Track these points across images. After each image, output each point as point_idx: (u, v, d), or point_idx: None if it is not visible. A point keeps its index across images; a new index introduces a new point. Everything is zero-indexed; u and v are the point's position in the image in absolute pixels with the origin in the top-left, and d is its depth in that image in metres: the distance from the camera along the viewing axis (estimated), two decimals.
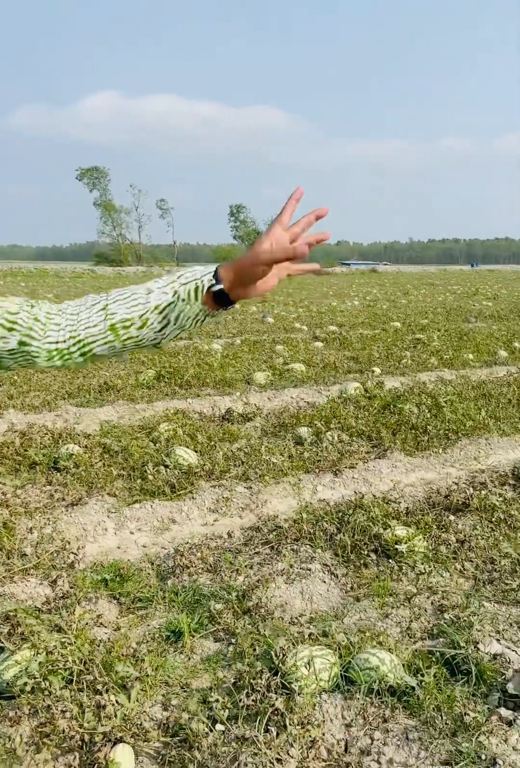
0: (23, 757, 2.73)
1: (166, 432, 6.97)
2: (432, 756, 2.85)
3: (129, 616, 3.92)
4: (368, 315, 21.21)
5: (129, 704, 3.01)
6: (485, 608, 3.97)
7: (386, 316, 20.52)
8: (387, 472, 6.35)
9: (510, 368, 11.50)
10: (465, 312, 22.63)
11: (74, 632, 3.33)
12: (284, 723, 2.95)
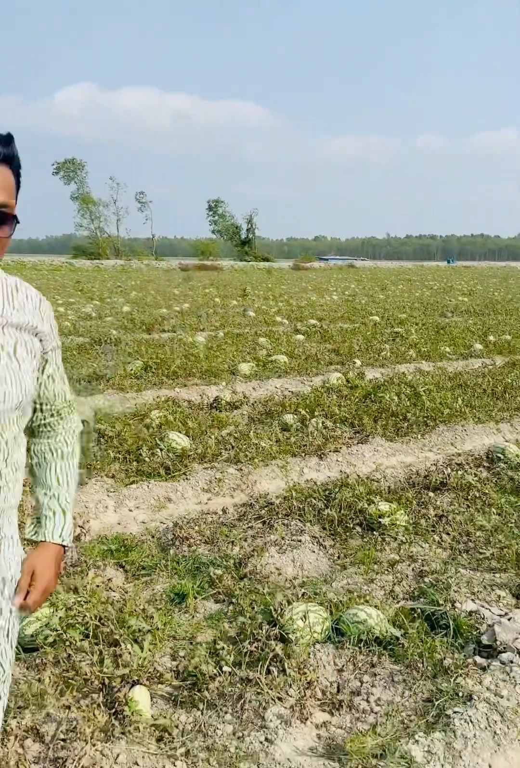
0: (50, 698, 2.97)
1: (157, 418, 7.17)
2: (415, 695, 3.10)
3: (135, 581, 4.13)
4: (347, 309, 21.28)
5: (142, 653, 3.23)
6: (461, 573, 4.21)
7: (365, 311, 20.61)
8: (369, 456, 6.53)
9: (485, 360, 11.70)
10: (442, 307, 22.79)
11: (88, 593, 3.57)
12: (283, 667, 3.20)
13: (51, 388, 1.83)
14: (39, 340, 1.73)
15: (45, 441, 1.91)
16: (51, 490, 1.89)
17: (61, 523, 1.87)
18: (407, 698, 3.11)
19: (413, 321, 17.72)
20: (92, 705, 2.99)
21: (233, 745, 2.81)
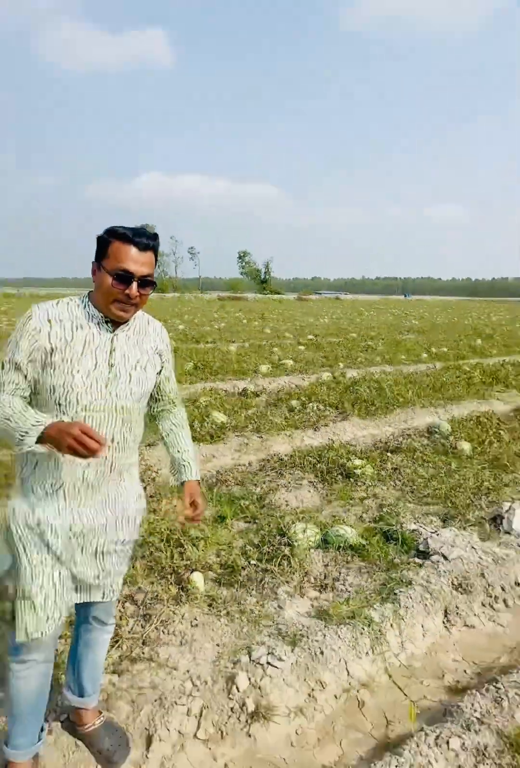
0: (140, 578, 3.14)
1: (204, 402, 7.27)
2: (375, 581, 3.26)
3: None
4: (334, 328, 21.06)
5: (198, 552, 3.41)
6: (407, 506, 4.36)
7: (347, 329, 20.42)
8: (348, 429, 6.62)
9: (428, 365, 11.65)
10: (400, 327, 22.61)
11: (162, 513, 3.72)
12: (289, 562, 3.36)
13: (166, 385, 1.98)
14: (159, 356, 1.89)
15: (168, 420, 2.06)
16: (181, 450, 2.04)
17: (194, 468, 2.03)
18: (369, 583, 3.23)
19: (379, 337, 17.65)
20: (167, 583, 3.13)
21: (257, 609, 2.95)
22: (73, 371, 1.65)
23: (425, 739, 2.10)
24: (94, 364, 1.68)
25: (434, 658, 2.82)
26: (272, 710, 2.32)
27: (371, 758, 2.15)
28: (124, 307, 1.68)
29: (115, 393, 1.71)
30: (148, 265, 1.66)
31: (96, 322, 1.72)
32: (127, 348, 1.77)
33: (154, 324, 1.91)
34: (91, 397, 1.67)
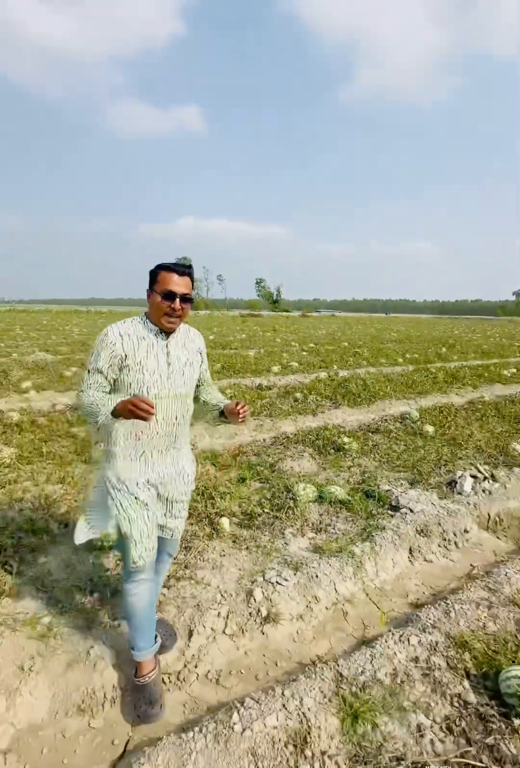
0: None
1: (230, 393, 7.31)
2: (357, 526, 3.33)
3: (220, 471, 4.28)
4: (329, 338, 20.86)
5: (225, 503, 3.51)
6: (384, 473, 4.37)
7: (340, 340, 20.24)
8: (340, 415, 6.60)
9: (403, 367, 11.57)
10: (381, 338, 22.46)
11: (197, 475, 3.85)
12: (293, 511, 3.45)
13: (205, 375, 2.06)
14: (200, 353, 1.99)
15: (207, 393, 2.07)
16: (218, 400, 2.02)
17: (227, 402, 2.00)
18: (353, 528, 3.31)
19: (365, 346, 17.50)
20: (202, 524, 3.24)
21: (269, 545, 3.05)
22: (143, 370, 1.77)
23: (391, 637, 2.22)
24: (157, 364, 1.80)
25: (401, 583, 2.91)
26: (279, 616, 2.45)
27: (352, 650, 2.27)
28: (171, 319, 1.79)
29: (174, 383, 1.84)
30: (187, 287, 1.78)
31: (154, 333, 1.82)
32: (178, 350, 1.88)
33: (193, 331, 2.02)
34: (157, 389, 1.79)
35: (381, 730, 1.76)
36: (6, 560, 2.69)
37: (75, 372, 9.28)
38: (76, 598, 2.46)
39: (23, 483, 3.88)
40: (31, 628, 2.22)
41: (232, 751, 1.63)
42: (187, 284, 1.79)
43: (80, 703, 1.93)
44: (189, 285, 1.80)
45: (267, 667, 2.20)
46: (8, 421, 5.43)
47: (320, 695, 1.88)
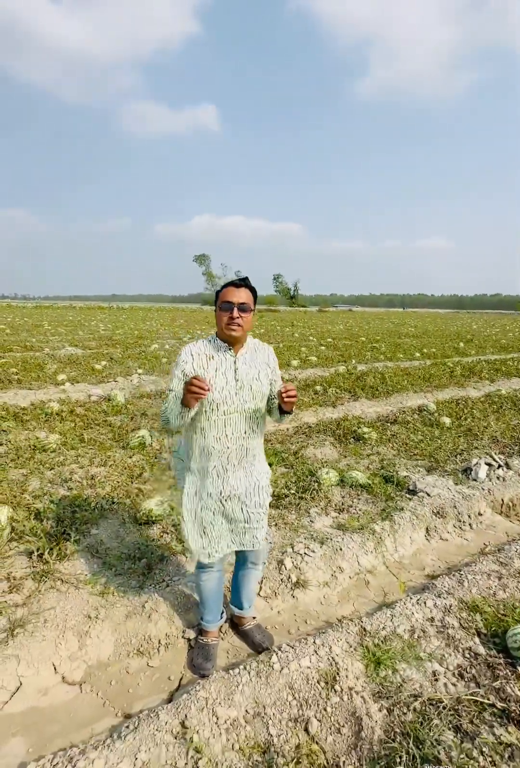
0: None
1: None
2: (377, 507, 3.53)
3: None
4: (347, 333, 20.91)
5: None
6: (402, 461, 4.56)
7: (357, 335, 20.24)
8: (359, 407, 6.77)
9: (420, 362, 11.63)
10: (399, 333, 22.32)
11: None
12: (317, 493, 3.67)
13: (274, 387, 1.99)
14: (268, 367, 1.98)
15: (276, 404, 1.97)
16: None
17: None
18: (373, 508, 3.51)
19: (382, 340, 17.46)
20: None
21: (295, 522, 3.27)
22: (213, 388, 1.83)
23: (409, 601, 2.45)
24: (225, 381, 1.86)
25: (418, 557, 3.13)
26: (308, 582, 2.71)
27: (374, 611, 2.51)
28: (232, 327, 1.82)
29: (243, 399, 1.87)
30: (244, 297, 1.83)
31: (222, 351, 1.89)
32: (246, 366, 1.90)
33: (263, 346, 2.02)
34: (226, 405, 1.85)
35: (400, 674, 2.00)
36: (64, 530, 3.00)
37: (105, 365, 9.67)
38: (126, 564, 2.76)
39: (70, 465, 4.22)
40: (91, 587, 2.52)
41: (272, 684, 1.90)
42: (245, 294, 1.83)
43: (139, 647, 2.22)
44: (247, 295, 1.84)
45: (298, 624, 2.46)
46: (49, 410, 5.80)
47: (347, 645, 2.13)
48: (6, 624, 2.20)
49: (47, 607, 2.34)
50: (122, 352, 12.09)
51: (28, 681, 1.98)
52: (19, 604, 2.36)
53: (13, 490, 3.58)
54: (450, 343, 17.47)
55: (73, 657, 2.10)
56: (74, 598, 2.43)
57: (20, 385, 7.45)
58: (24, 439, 4.78)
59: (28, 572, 2.61)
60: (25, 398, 6.63)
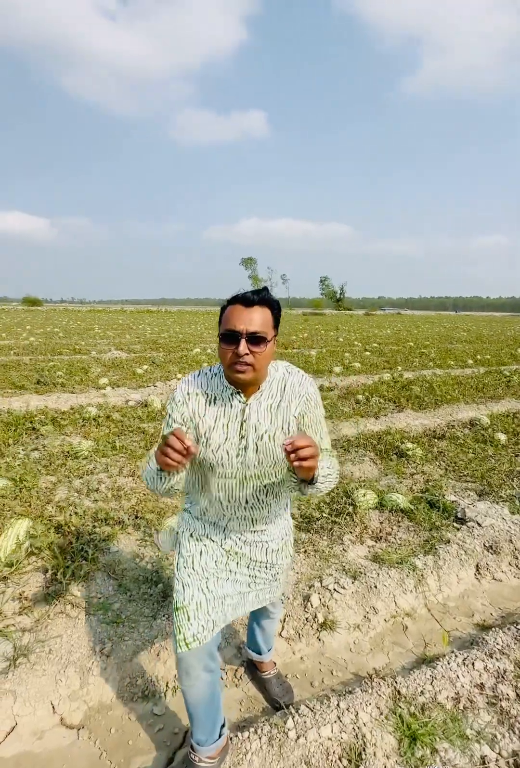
0: None
1: None
2: (419, 537, 3.19)
3: None
4: (394, 338, 20.32)
5: None
6: (449, 482, 4.17)
7: (405, 339, 19.64)
8: (403, 419, 6.38)
9: (473, 370, 10.95)
10: (450, 338, 21.34)
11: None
12: (352, 518, 3.37)
13: None
14: (294, 417, 1.39)
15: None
16: (323, 465, 1.33)
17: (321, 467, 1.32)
18: (415, 538, 3.17)
19: (432, 346, 16.78)
20: None
21: (327, 550, 2.99)
22: (207, 444, 1.38)
23: (454, 659, 2.10)
24: (224, 438, 1.37)
25: (466, 601, 2.75)
26: (336, 624, 2.41)
27: (411, 667, 2.18)
28: (239, 368, 1.28)
29: (245, 463, 1.38)
30: (259, 322, 1.27)
31: (229, 393, 1.38)
32: (257, 417, 1.37)
33: (292, 379, 1.41)
34: (222, 469, 1.39)
35: (441, 756, 1.67)
36: (82, 546, 2.89)
37: (146, 369, 9.75)
38: (142, 588, 2.59)
39: (99, 474, 4.15)
40: (102, 613, 2.37)
41: (286, 757, 1.63)
42: (260, 317, 1.27)
43: (145, 689, 2.03)
44: (262, 318, 1.28)
45: (322, 674, 2.18)
46: (87, 415, 5.83)
47: (377, 711, 1.82)
48: (10, 651, 2.08)
49: (54, 634, 2.20)
50: (165, 356, 12.21)
51: (23, 721, 1.83)
52: (26, 629, 2.24)
53: (40, 499, 3.53)
54: (507, 349, 16.38)
55: (73, 696, 1.94)
56: (83, 626, 2.28)
57: (64, 389, 7.62)
58: (58, 445, 4.79)
59: (40, 592, 2.50)
60: (67, 402, 6.74)
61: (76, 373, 9.00)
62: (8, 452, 4.57)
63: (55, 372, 8.88)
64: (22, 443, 4.88)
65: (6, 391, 7.36)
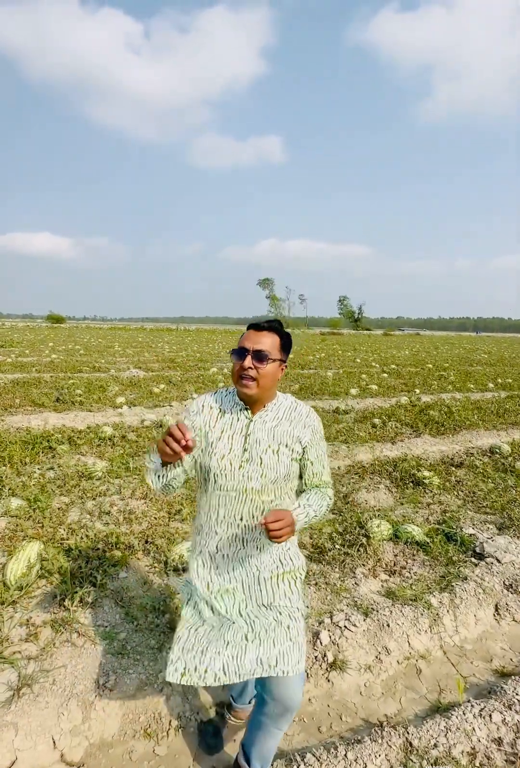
0: None
1: None
2: (435, 572, 3.08)
3: None
4: (413, 360, 20.11)
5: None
6: (468, 513, 4.04)
7: (424, 361, 19.40)
8: (420, 445, 6.27)
9: (494, 394, 10.72)
10: (470, 360, 21.03)
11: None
12: (365, 549, 3.27)
13: (309, 469, 1.53)
14: (299, 442, 1.50)
15: (312, 490, 1.54)
16: (310, 504, 1.47)
17: (301, 510, 1.45)
18: (431, 574, 3.07)
19: (451, 368, 16.52)
20: None
21: (338, 583, 2.91)
22: (212, 454, 1.48)
23: (470, 710, 1.99)
24: (229, 449, 1.47)
25: (484, 644, 2.63)
26: (346, 664, 2.33)
27: (425, 716, 2.08)
28: (244, 382, 1.44)
29: (247, 475, 1.45)
30: (265, 343, 1.44)
31: (238, 409, 1.52)
32: (261, 433, 1.48)
33: (300, 410, 1.55)
34: (224, 479, 1.46)
35: None
36: (91, 572, 2.87)
37: (163, 389, 9.83)
38: (149, 618, 2.55)
39: (111, 496, 4.15)
40: (108, 643, 2.34)
41: None
42: (266, 340, 1.45)
43: (147, 727, 1.98)
44: (271, 342, 1.45)
45: (331, 719, 2.09)
46: (103, 435, 5.88)
47: (387, 764, 1.73)
48: (15, 680, 2.06)
49: (59, 664, 2.18)
50: (181, 375, 12.31)
51: (23, 756, 1.80)
52: (32, 657, 2.22)
53: (52, 521, 3.55)
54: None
55: (75, 731, 1.90)
56: (88, 655, 2.25)
57: (81, 407, 7.72)
58: (73, 465, 4.83)
59: (47, 618, 2.48)
60: (84, 421, 6.82)
61: (95, 391, 9.13)
62: (25, 471, 4.63)
63: (74, 390, 9.02)
64: (38, 462, 4.94)
65: (26, 408, 7.50)
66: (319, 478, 1.57)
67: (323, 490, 1.57)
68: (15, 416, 6.89)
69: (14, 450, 5.07)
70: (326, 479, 1.59)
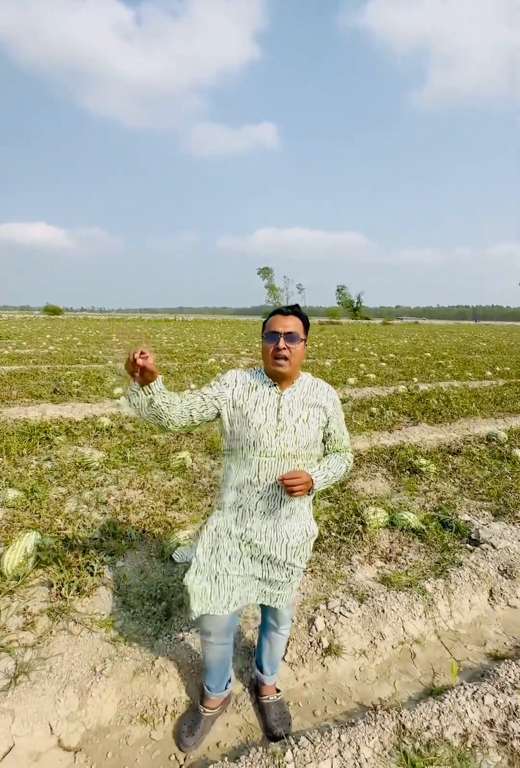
0: None
1: None
2: (430, 559, 3.11)
3: None
4: (411, 348, 20.04)
5: None
6: (463, 500, 4.06)
7: (422, 350, 19.31)
8: (418, 433, 6.27)
9: (492, 382, 10.73)
10: (468, 348, 20.98)
11: None
12: (361, 537, 3.30)
13: (331, 436, 1.76)
14: (323, 412, 1.71)
15: (333, 455, 1.77)
16: (329, 467, 1.71)
17: (320, 471, 1.68)
18: (426, 560, 3.09)
19: (450, 357, 16.49)
20: None
21: (334, 570, 2.94)
22: (248, 424, 1.64)
23: (463, 693, 2.01)
24: (264, 418, 1.64)
25: (478, 628, 2.65)
26: (341, 649, 2.35)
27: (418, 699, 2.10)
28: (278, 361, 1.61)
29: (284, 442, 1.63)
30: (293, 326, 1.62)
31: (268, 385, 1.69)
32: (292, 405, 1.67)
33: (321, 385, 1.76)
34: (263, 446, 1.62)
35: None
36: (88, 561, 2.88)
37: None
38: (145, 606, 2.57)
39: (108, 486, 4.16)
40: (105, 631, 2.35)
41: None
42: (294, 323, 1.63)
43: (143, 712, 2.00)
44: (296, 324, 1.63)
45: (325, 702, 2.11)
46: (100, 426, 5.88)
47: (380, 746, 1.75)
48: (12, 668, 2.08)
49: (55, 652, 2.20)
50: (179, 365, 12.28)
51: (21, 742, 1.82)
52: (29, 645, 2.24)
53: (50, 511, 3.56)
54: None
55: (71, 717, 1.92)
56: (85, 643, 2.27)
57: (79, 398, 7.71)
58: (70, 455, 4.84)
59: (44, 607, 2.50)
60: (81, 412, 6.82)
61: (92, 382, 9.11)
62: (22, 462, 4.64)
63: (71, 381, 9.00)
64: (35, 453, 4.94)
65: (23, 400, 7.49)
66: (340, 443, 1.79)
67: (343, 454, 1.80)
68: (12, 408, 6.89)
69: (11, 441, 5.07)
70: (346, 444, 1.81)
